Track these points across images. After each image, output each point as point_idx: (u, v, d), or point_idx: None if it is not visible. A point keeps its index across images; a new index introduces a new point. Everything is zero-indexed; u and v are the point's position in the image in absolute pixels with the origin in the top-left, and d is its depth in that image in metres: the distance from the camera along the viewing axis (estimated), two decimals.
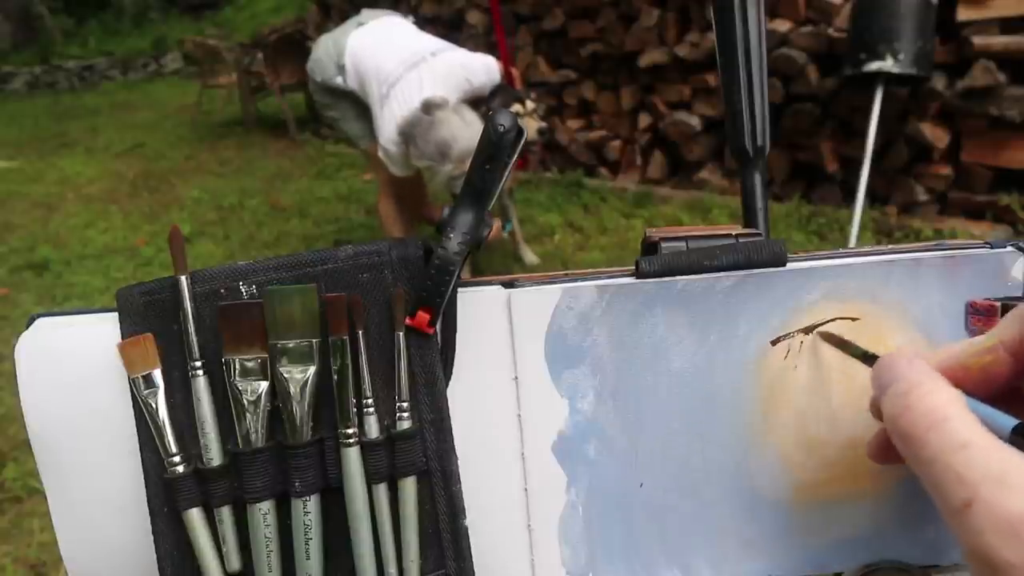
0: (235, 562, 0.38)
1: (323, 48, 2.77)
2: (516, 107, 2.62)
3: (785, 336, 0.40)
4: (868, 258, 0.40)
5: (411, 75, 2.50)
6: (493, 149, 0.37)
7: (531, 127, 2.64)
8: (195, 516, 0.38)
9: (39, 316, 0.39)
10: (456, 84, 2.53)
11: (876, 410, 0.33)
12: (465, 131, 2.40)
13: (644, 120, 4.05)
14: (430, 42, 2.69)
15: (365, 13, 2.84)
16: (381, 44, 2.62)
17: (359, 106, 2.76)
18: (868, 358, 0.36)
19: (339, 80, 2.69)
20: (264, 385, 0.38)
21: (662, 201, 3.82)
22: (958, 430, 0.26)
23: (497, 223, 2.95)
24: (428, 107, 2.42)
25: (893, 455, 0.31)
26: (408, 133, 2.47)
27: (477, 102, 2.59)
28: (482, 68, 2.63)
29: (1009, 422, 0.27)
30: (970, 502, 0.24)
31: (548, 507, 0.41)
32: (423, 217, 3.27)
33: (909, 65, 2.74)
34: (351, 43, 2.67)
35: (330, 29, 3.20)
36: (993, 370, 0.30)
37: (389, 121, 2.52)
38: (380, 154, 2.64)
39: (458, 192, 0.38)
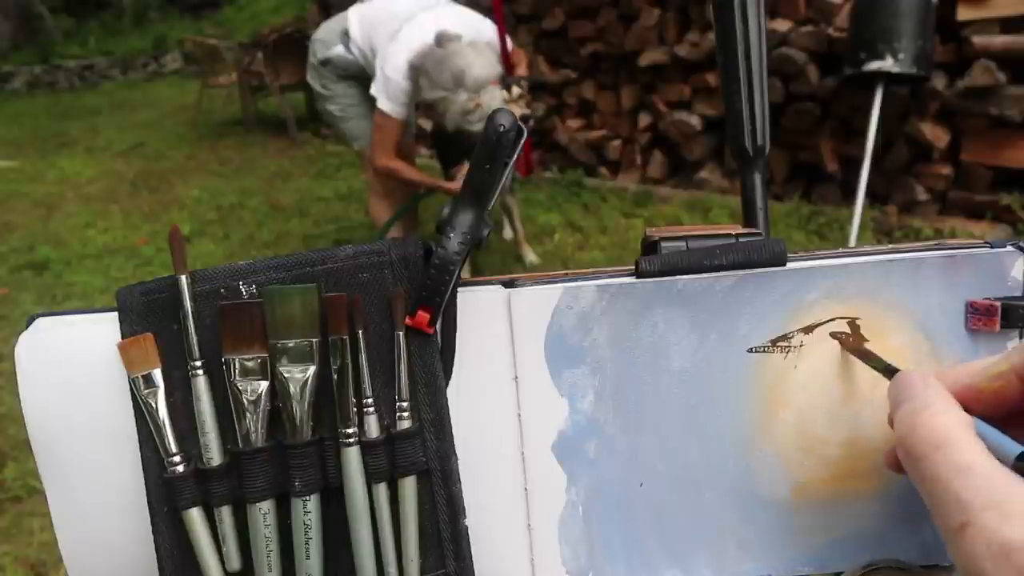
0: (235, 562, 0.38)
1: (325, 28, 2.76)
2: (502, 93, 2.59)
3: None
4: (868, 258, 0.40)
5: (426, 14, 2.48)
6: (493, 149, 0.37)
7: (514, 112, 2.62)
8: (195, 516, 0.38)
9: (39, 316, 0.39)
10: (468, 29, 2.50)
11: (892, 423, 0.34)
12: (479, 60, 2.36)
13: (644, 120, 4.05)
14: None
15: None
16: None
17: (358, 95, 2.73)
18: (889, 371, 0.36)
19: (340, 49, 2.66)
20: (264, 385, 0.38)
21: (662, 201, 3.82)
22: (962, 453, 0.26)
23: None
24: (442, 40, 2.38)
25: None
26: (419, 66, 2.41)
27: None
28: (490, 30, 2.62)
29: (1015, 449, 0.27)
30: (967, 525, 0.25)
31: (548, 507, 0.41)
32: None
33: (909, 65, 2.74)
34: (356, 7, 2.66)
35: None
36: (1005, 394, 0.30)
37: (399, 52, 2.45)
38: (375, 90, 2.54)
39: (472, 129, 0.38)
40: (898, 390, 0.32)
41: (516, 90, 2.66)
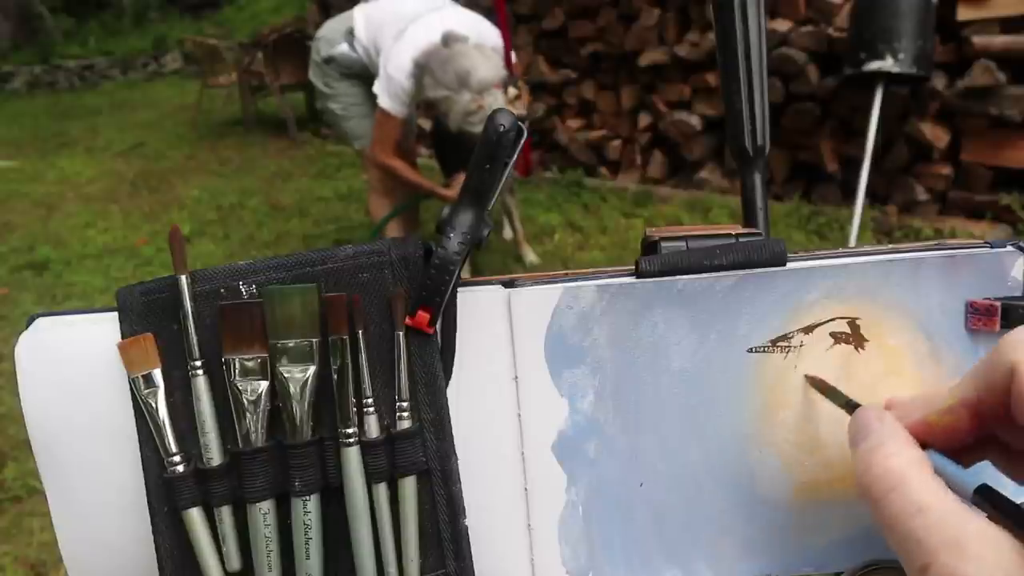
0: (235, 562, 0.38)
1: (329, 26, 2.76)
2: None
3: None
4: (868, 258, 0.40)
5: (432, 15, 2.48)
6: (493, 149, 0.37)
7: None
8: (195, 515, 0.38)
9: (39, 316, 0.39)
10: (474, 32, 2.50)
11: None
12: (485, 62, 2.36)
13: (644, 120, 4.05)
14: None
15: None
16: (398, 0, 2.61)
17: (361, 94, 2.73)
18: (850, 406, 0.36)
19: (344, 48, 2.66)
20: (264, 385, 0.38)
21: (662, 201, 3.82)
22: (918, 493, 0.26)
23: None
24: (448, 40, 2.38)
25: None
26: (424, 64, 2.41)
27: None
28: (495, 35, 2.62)
29: (973, 482, 0.27)
30: (928, 566, 0.25)
31: (548, 507, 0.41)
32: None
33: (909, 65, 2.74)
34: (361, 6, 2.66)
35: None
36: (956, 428, 0.30)
37: (403, 51, 2.45)
38: (377, 87, 2.54)
39: (474, 130, 0.38)
40: (856, 428, 0.32)
41: (513, 91, 2.66)
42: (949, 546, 0.24)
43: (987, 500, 0.27)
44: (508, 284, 0.40)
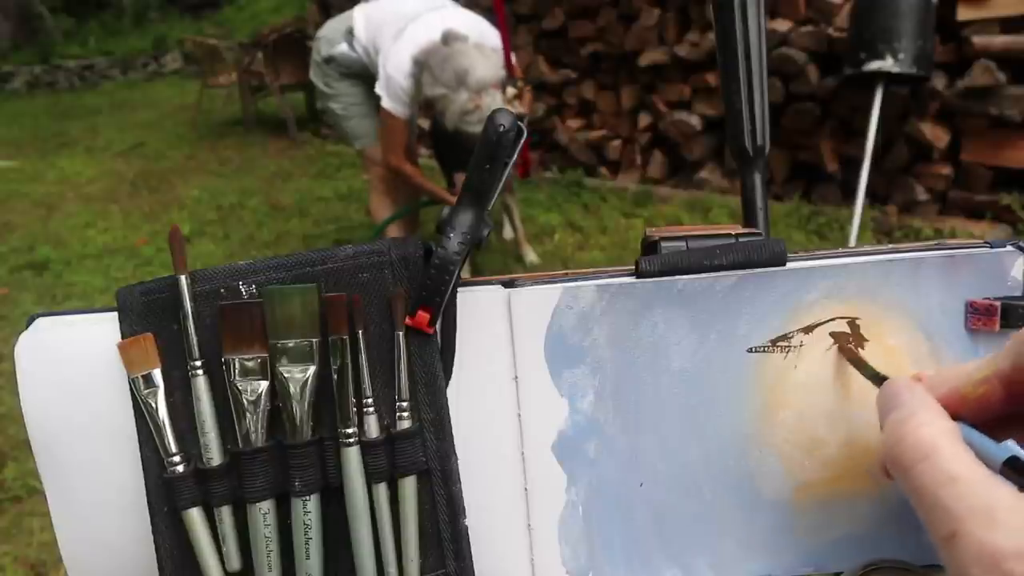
0: (235, 562, 0.38)
1: (329, 26, 2.77)
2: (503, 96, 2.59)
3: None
4: (868, 258, 0.40)
5: (432, 14, 2.48)
6: (493, 149, 0.37)
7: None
8: (195, 515, 0.38)
9: (39, 316, 0.39)
10: (474, 32, 2.49)
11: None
12: (484, 62, 2.36)
13: (644, 120, 4.05)
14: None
15: None
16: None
17: (361, 94, 2.73)
18: (878, 379, 0.36)
19: (343, 47, 2.65)
20: (264, 385, 0.38)
21: (662, 201, 3.82)
22: (948, 462, 0.27)
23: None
24: (448, 38, 2.38)
25: None
26: (424, 62, 2.40)
27: None
28: (496, 36, 2.62)
29: (1003, 454, 0.28)
30: (956, 534, 0.25)
31: (548, 507, 0.41)
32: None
33: (909, 65, 2.74)
34: (362, 6, 2.66)
35: None
36: (989, 399, 0.31)
37: (403, 50, 2.45)
38: (379, 88, 2.53)
39: (470, 130, 0.38)
40: (885, 399, 0.32)
41: (511, 91, 2.66)
42: (979, 515, 0.24)
43: (1016, 471, 0.27)
44: (508, 284, 0.40)
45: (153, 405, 0.38)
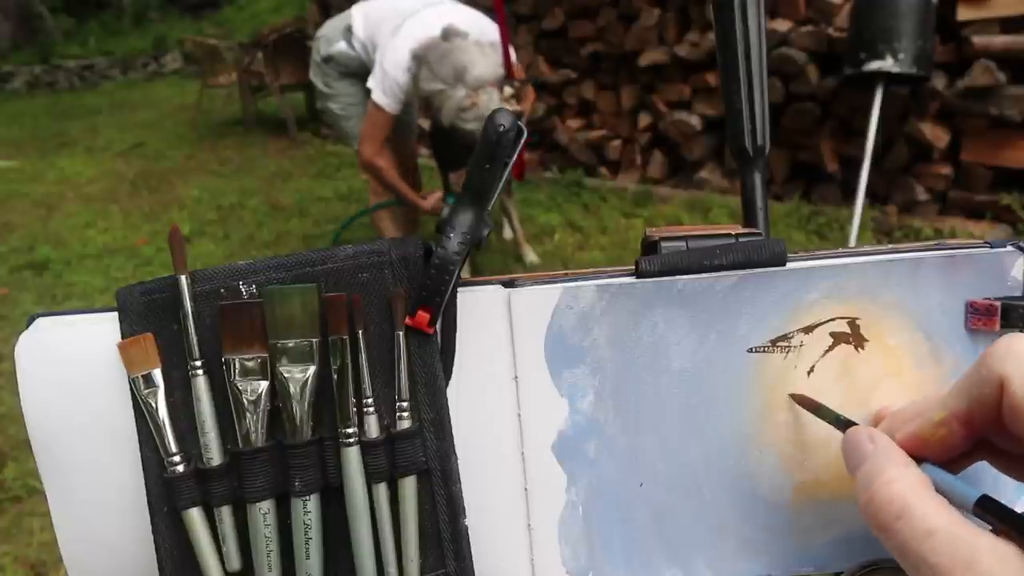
0: (235, 562, 0.38)
1: (328, 25, 2.77)
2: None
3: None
4: (868, 258, 0.40)
5: (431, 10, 2.48)
6: (493, 149, 0.37)
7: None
8: (195, 515, 0.38)
9: (39, 316, 0.39)
10: (474, 29, 2.49)
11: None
12: (483, 59, 2.35)
13: (644, 120, 4.05)
14: None
15: None
16: None
17: (360, 94, 2.72)
18: (840, 423, 0.37)
19: (342, 46, 2.65)
20: (264, 385, 0.38)
21: (662, 201, 3.82)
22: (923, 518, 0.27)
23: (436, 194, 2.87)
24: (448, 34, 2.37)
25: None
26: (422, 56, 2.39)
27: None
28: (495, 33, 2.61)
29: (973, 495, 0.28)
30: None
31: (548, 507, 0.41)
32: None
33: (909, 65, 2.74)
34: (361, 4, 2.66)
35: None
36: (949, 441, 0.31)
37: (401, 45, 2.44)
38: (371, 81, 2.51)
39: (466, 127, 0.38)
40: (849, 452, 0.33)
41: (508, 90, 2.65)
42: (962, 567, 0.25)
43: (988, 511, 0.27)
44: (508, 284, 0.40)
45: (153, 405, 0.38)
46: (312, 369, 0.38)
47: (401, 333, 0.39)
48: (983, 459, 0.32)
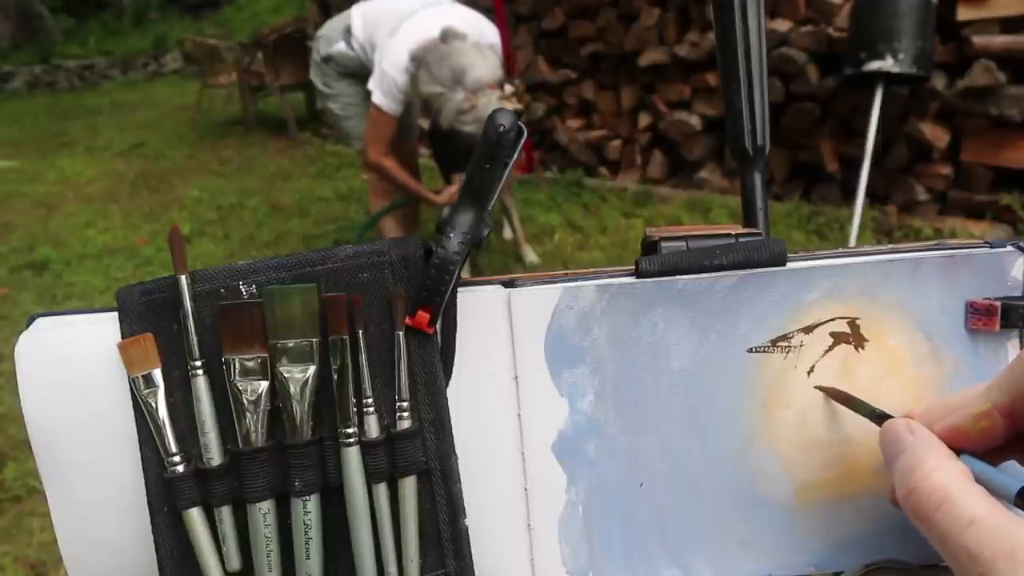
0: (235, 562, 0.38)
1: (328, 25, 2.77)
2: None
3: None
4: (868, 258, 0.40)
5: (428, 11, 2.47)
6: (493, 149, 0.37)
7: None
8: (195, 515, 0.38)
9: (39, 316, 0.39)
10: (473, 30, 2.48)
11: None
12: (482, 61, 2.34)
13: (644, 120, 4.05)
14: None
15: None
16: None
17: (360, 94, 2.72)
18: (876, 417, 0.36)
19: (341, 46, 2.64)
20: (264, 385, 0.38)
21: (662, 201, 3.82)
22: (964, 508, 0.27)
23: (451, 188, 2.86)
24: (447, 36, 2.36)
25: None
26: (421, 58, 2.38)
27: None
28: (494, 34, 2.61)
29: (1014, 485, 0.28)
30: None
31: (548, 507, 0.41)
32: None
33: (909, 65, 2.74)
34: (360, 4, 2.65)
35: None
36: (990, 433, 0.31)
37: (400, 46, 2.43)
38: (371, 83, 2.51)
39: (465, 129, 0.38)
40: (887, 443, 0.33)
41: (508, 88, 2.65)
42: (1004, 556, 0.25)
43: None
44: (508, 284, 0.40)
45: (153, 405, 0.38)
46: (312, 369, 0.38)
47: (401, 333, 0.39)
48: (1016, 457, 0.32)
